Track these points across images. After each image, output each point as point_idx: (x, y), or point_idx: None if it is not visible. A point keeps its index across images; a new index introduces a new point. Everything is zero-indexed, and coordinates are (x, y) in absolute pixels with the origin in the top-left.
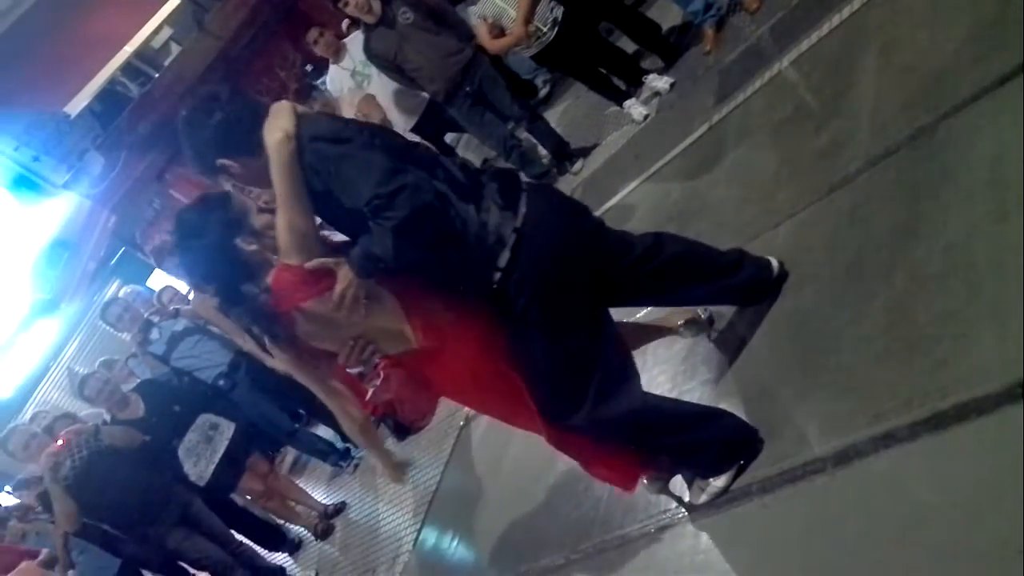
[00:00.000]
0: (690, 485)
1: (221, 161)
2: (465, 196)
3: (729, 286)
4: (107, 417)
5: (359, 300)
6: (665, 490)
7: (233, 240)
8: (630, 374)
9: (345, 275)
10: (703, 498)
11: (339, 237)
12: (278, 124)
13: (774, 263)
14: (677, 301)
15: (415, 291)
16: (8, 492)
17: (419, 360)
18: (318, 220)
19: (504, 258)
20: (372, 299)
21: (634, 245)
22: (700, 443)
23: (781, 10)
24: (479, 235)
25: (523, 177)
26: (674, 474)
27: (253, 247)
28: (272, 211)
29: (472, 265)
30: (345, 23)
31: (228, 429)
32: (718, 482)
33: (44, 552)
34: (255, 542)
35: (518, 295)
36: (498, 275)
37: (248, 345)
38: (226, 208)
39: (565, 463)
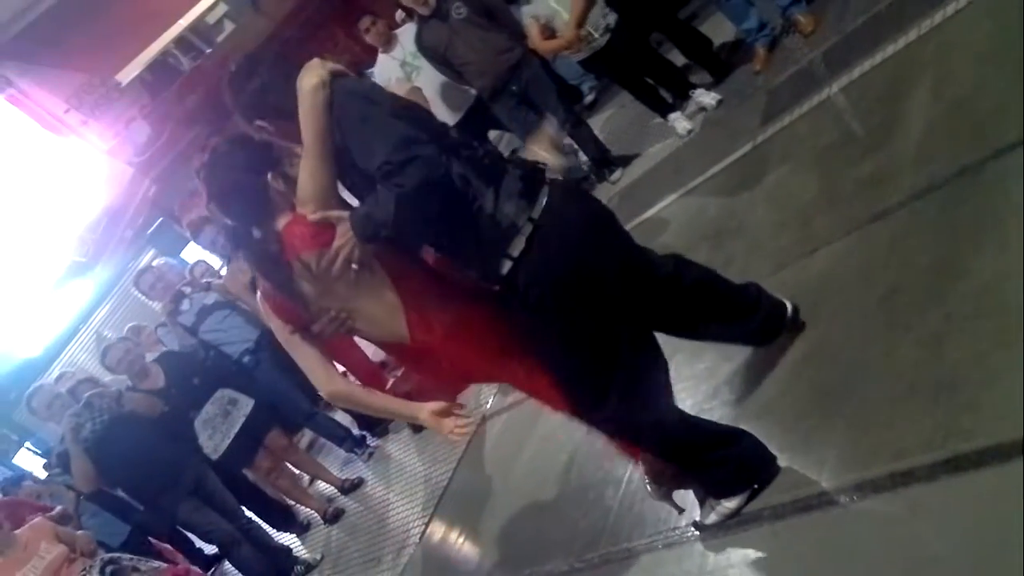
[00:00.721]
0: (701, 504)
1: (258, 123)
2: (486, 180)
3: (747, 330)
4: (131, 383)
5: (350, 262)
6: (668, 498)
7: (264, 173)
8: (660, 382)
9: (344, 232)
10: (713, 518)
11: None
12: (314, 72)
13: (788, 306)
14: (694, 335)
15: (415, 281)
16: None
17: (409, 351)
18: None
19: (517, 247)
20: (366, 271)
21: (657, 265)
22: (717, 461)
23: (835, 35)
24: (493, 219)
25: (548, 172)
26: (683, 487)
27: (282, 188)
28: None
29: (483, 249)
30: (400, 14)
31: (247, 405)
32: (730, 503)
33: (58, 508)
34: (264, 520)
35: (531, 285)
36: (509, 263)
37: None
38: (265, 145)
39: (578, 470)
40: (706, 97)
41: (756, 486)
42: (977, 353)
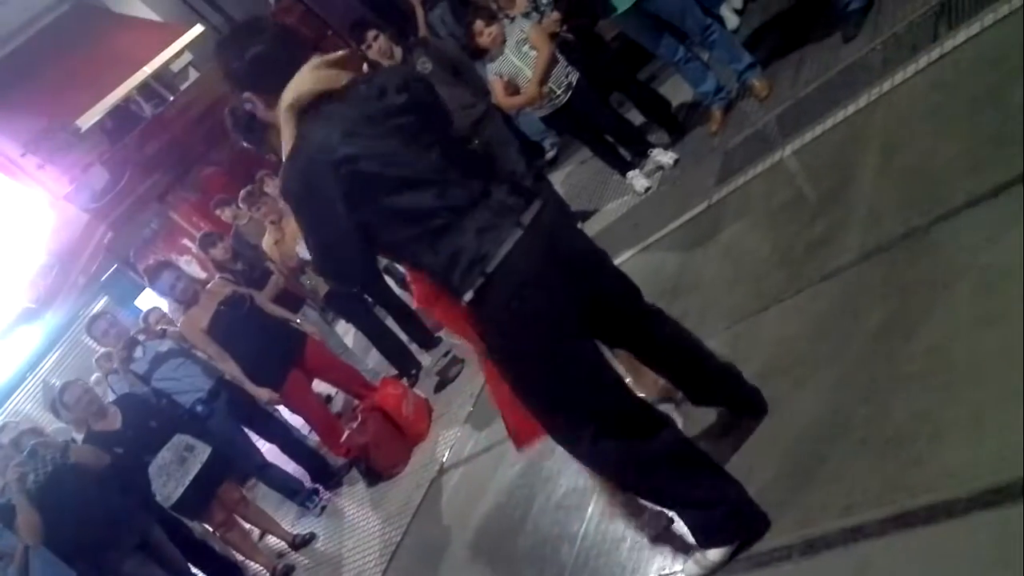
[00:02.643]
0: (687, 554)
1: (246, 95)
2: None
3: (730, 391)
4: (76, 436)
5: None
6: (662, 538)
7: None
8: (642, 411)
9: None
10: (696, 570)
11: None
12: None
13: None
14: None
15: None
16: None
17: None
18: None
19: (492, 265)
20: None
21: (642, 301)
22: (701, 503)
23: (788, 100)
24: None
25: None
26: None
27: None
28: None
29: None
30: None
31: (203, 453)
32: (715, 556)
33: None
34: None
35: (499, 309)
36: (481, 280)
37: (231, 372)
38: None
39: (533, 524)
40: (663, 156)
41: (741, 541)
42: (924, 411)
